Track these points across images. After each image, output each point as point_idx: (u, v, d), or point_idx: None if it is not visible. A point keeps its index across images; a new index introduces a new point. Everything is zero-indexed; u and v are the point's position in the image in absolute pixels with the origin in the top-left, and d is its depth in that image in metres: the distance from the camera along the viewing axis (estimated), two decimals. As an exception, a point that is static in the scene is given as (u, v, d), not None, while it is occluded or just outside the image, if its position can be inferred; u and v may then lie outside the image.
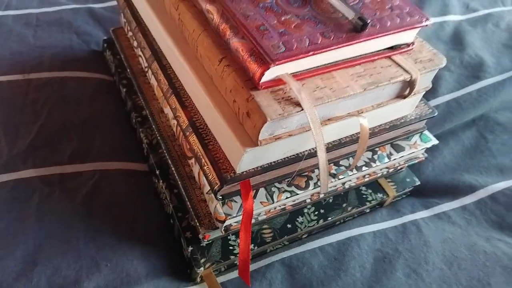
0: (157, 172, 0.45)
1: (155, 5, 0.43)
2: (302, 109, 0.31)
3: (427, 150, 0.47)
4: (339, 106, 0.35)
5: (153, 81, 0.47)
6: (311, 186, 0.39)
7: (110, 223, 0.42)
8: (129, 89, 0.53)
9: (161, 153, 0.46)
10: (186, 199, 0.40)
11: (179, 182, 0.41)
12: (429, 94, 0.58)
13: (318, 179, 0.39)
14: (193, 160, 0.41)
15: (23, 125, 0.47)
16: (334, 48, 0.33)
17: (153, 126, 0.46)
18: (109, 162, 0.46)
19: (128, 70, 0.52)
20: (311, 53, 0.32)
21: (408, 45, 0.38)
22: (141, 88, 0.50)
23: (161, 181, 0.44)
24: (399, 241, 0.42)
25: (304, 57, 0.32)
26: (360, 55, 0.36)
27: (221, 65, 0.34)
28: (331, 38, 0.33)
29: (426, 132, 0.46)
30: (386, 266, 0.39)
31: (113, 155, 0.47)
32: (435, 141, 0.45)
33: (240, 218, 0.35)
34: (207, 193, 0.38)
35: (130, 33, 0.52)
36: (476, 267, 0.40)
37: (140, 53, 0.49)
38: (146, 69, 0.49)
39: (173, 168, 0.42)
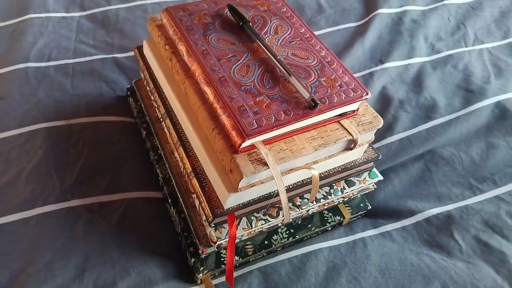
0: (169, 200, 0.59)
1: (169, 76, 0.55)
2: (269, 167, 0.45)
3: (381, 179, 0.59)
4: (297, 161, 0.49)
5: (166, 130, 0.61)
6: (281, 215, 0.53)
7: (136, 240, 0.56)
8: (147, 132, 0.66)
9: (172, 186, 0.58)
10: (190, 223, 0.54)
11: (185, 210, 0.55)
12: (387, 132, 0.70)
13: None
14: (195, 195, 0.55)
15: (69, 164, 0.61)
16: (292, 123, 0.46)
17: (166, 165, 0.61)
18: (134, 192, 0.60)
19: (147, 117, 0.67)
20: (275, 128, 0.45)
21: (353, 111, 0.52)
22: (156, 133, 0.63)
23: (172, 207, 0.58)
24: (348, 254, 0.55)
25: (270, 131, 0.46)
26: (314, 123, 0.49)
27: (213, 133, 0.47)
28: (291, 115, 0.46)
29: (374, 170, 0.59)
30: (334, 273, 0.53)
31: (137, 186, 0.61)
32: (380, 177, 0.58)
33: (227, 240, 0.50)
34: (204, 220, 0.53)
35: (148, 88, 0.66)
36: (402, 276, 0.53)
37: (156, 106, 0.63)
38: (161, 120, 0.63)
39: (180, 199, 0.56)
